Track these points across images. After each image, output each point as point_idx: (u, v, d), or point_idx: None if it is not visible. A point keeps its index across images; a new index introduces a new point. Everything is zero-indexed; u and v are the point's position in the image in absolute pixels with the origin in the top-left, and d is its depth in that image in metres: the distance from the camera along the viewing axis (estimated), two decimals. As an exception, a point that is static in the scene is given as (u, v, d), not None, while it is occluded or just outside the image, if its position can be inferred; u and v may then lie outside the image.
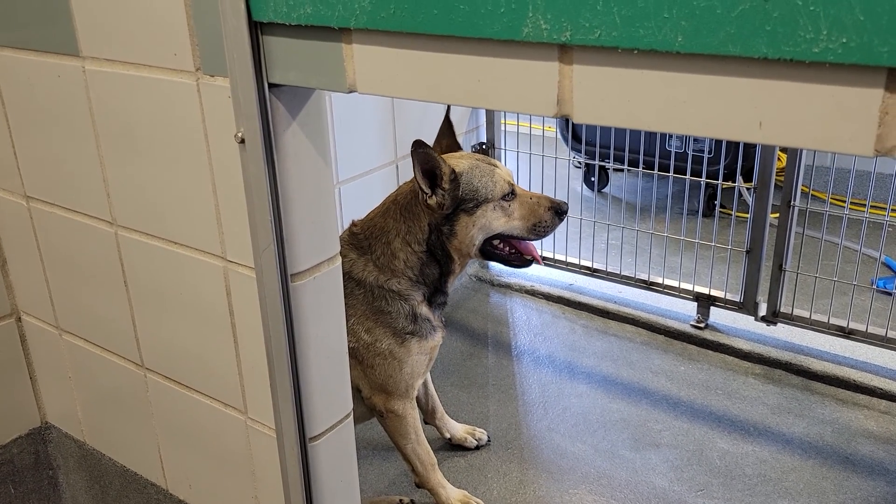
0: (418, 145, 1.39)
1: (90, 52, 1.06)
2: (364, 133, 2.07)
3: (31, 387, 1.49)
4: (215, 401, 1.17)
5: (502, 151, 2.63)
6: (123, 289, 1.21)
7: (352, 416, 1.14)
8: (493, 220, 1.51)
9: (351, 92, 0.82)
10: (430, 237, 1.50)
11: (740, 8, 0.55)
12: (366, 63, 0.79)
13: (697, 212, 2.93)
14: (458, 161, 1.51)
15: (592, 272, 2.51)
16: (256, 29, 0.86)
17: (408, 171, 2.21)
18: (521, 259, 1.60)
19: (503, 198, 1.51)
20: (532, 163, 2.54)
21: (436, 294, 1.55)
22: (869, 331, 2.04)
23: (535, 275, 2.64)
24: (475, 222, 1.50)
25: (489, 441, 1.89)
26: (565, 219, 1.59)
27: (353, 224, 1.58)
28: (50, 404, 1.52)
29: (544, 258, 2.58)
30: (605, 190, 3.54)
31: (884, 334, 2.02)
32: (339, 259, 1.05)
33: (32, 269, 1.37)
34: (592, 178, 3.47)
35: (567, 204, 1.59)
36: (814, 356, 2.13)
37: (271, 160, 0.91)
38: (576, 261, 2.54)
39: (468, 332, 2.38)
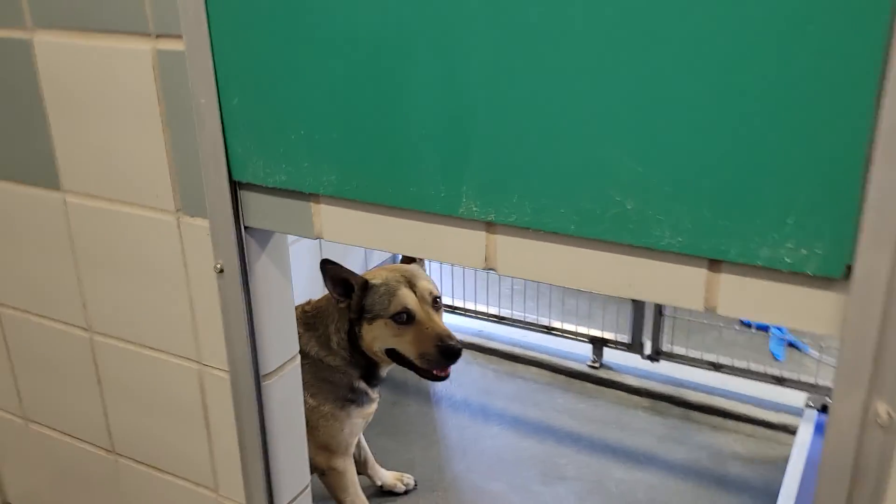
0: (325, 263, 1.63)
1: (71, 188, 1.21)
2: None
3: (-8, 472, 1.59)
4: (187, 481, 1.33)
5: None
6: (96, 385, 1.36)
7: (310, 487, 1.33)
8: (386, 336, 1.67)
9: (318, 238, 1.03)
10: (350, 332, 1.69)
11: (612, 212, 0.80)
12: (331, 218, 1.00)
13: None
14: (377, 273, 1.71)
15: (499, 319, 2.77)
16: (235, 185, 1.05)
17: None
18: (427, 373, 1.68)
19: (393, 317, 1.65)
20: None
21: (370, 377, 1.75)
22: (735, 364, 2.39)
23: (448, 323, 2.87)
24: (371, 332, 1.67)
25: (416, 485, 2.09)
26: (457, 357, 1.64)
27: (307, 303, 1.77)
28: (11, 485, 1.62)
29: (454, 307, 2.83)
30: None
31: (746, 366, 2.37)
32: (299, 356, 1.24)
33: (-2, 366, 1.49)
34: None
35: (459, 347, 1.63)
36: (691, 388, 2.46)
37: (246, 285, 1.10)
38: (484, 308, 2.80)
39: (391, 382, 2.58)
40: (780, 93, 0.68)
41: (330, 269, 1.65)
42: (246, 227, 1.08)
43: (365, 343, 1.69)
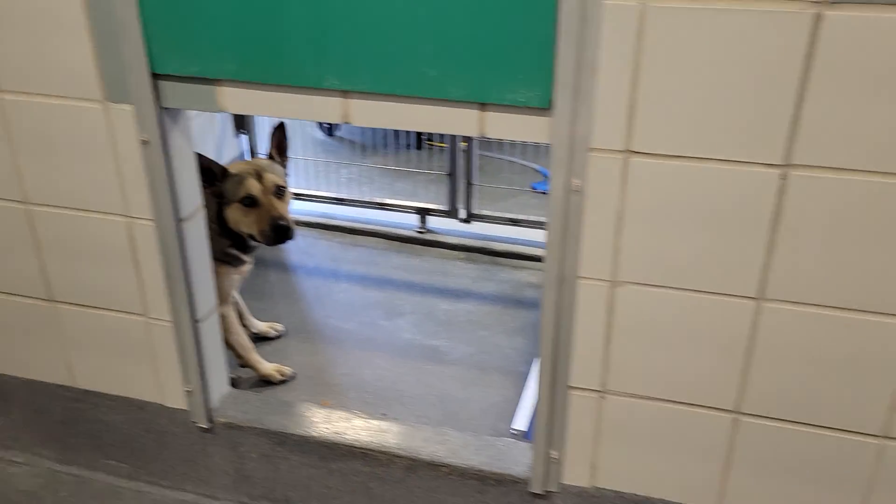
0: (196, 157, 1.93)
1: (9, 87, 1.53)
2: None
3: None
4: (120, 311, 1.73)
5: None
6: (34, 249, 1.71)
7: (217, 310, 1.78)
8: (239, 217, 2.02)
9: (222, 111, 1.46)
10: (219, 212, 2.05)
11: (423, 79, 1.31)
12: (231, 96, 1.43)
13: (413, 146, 3.80)
14: (236, 165, 2.08)
15: (340, 201, 3.25)
16: (154, 76, 1.44)
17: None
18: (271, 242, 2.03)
19: (241, 201, 2.00)
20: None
21: (241, 247, 2.14)
22: (529, 219, 3.05)
23: (296, 209, 3.31)
24: (230, 214, 2.05)
25: (286, 331, 2.58)
26: (288, 234, 1.99)
27: None
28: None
29: (301, 195, 3.27)
30: (338, 133, 4.27)
31: (538, 221, 3.04)
32: (203, 207, 1.67)
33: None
34: (325, 125, 4.17)
35: (287, 226, 1.99)
36: (497, 241, 3.10)
37: (166, 151, 1.51)
38: (326, 193, 3.27)
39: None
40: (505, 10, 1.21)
41: (197, 159, 2.02)
42: (163, 108, 1.48)
43: (229, 222, 2.09)
